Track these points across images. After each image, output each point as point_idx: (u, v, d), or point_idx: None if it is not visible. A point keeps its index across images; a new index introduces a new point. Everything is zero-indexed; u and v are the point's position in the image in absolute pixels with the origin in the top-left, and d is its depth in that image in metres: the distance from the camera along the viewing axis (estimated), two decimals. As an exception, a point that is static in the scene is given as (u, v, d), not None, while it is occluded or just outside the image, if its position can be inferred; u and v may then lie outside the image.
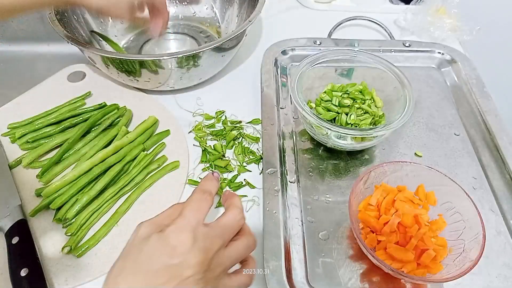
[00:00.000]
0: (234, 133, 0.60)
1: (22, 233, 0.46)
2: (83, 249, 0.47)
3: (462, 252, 0.42)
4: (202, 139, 0.60)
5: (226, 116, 0.63)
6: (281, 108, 0.63)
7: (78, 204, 0.49)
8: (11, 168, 0.55)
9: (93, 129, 0.59)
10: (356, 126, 0.56)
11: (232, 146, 0.59)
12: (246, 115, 0.63)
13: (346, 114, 0.57)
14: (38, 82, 0.67)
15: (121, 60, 0.58)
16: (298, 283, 0.44)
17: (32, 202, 0.51)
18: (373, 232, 0.46)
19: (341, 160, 0.58)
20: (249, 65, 0.73)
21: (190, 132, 0.61)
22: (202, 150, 0.59)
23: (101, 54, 0.58)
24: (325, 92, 0.60)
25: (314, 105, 0.60)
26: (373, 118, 0.57)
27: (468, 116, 0.63)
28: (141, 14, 0.48)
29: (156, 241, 0.30)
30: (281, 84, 0.67)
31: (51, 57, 0.79)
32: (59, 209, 0.50)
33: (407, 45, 0.72)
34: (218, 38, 0.77)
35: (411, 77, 0.59)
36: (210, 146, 0.59)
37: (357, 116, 0.57)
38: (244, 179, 0.55)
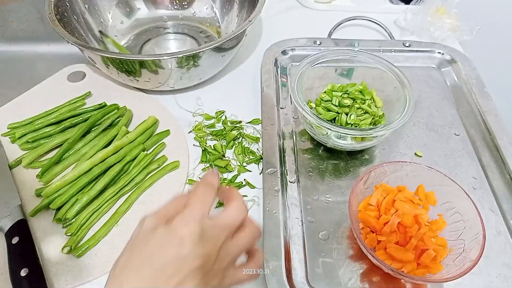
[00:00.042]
0: (234, 133, 0.60)
1: (22, 233, 0.46)
2: (83, 249, 0.47)
3: (462, 252, 0.42)
4: (202, 139, 0.60)
5: (226, 116, 0.63)
6: (281, 108, 0.63)
7: (78, 204, 0.49)
8: (11, 168, 0.55)
9: (93, 129, 0.59)
10: (356, 126, 0.56)
11: (232, 146, 0.59)
12: (246, 115, 0.63)
13: (346, 114, 0.57)
14: (38, 82, 0.67)
15: (121, 60, 0.58)
16: (298, 283, 0.44)
17: (32, 202, 0.51)
18: (373, 232, 0.46)
19: (341, 160, 0.58)
20: (249, 65, 0.73)
21: (190, 132, 0.61)
22: (202, 150, 0.59)
23: (101, 54, 0.58)
24: (325, 92, 0.60)
25: (314, 105, 0.60)
26: (373, 118, 0.57)
27: (468, 116, 0.63)
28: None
29: (163, 233, 0.30)
30: (281, 84, 0.67)
31: (51, 57, 0.79)
32: (59, 209, 0.50)
33: (407, 45, 0.72)
34: (218, 38, 0.77)
35: (411, 77, 0.59)
36: (210, 146, 0.59)
37: (357, 116, 0.57)
38: (244, 179, 0.55)
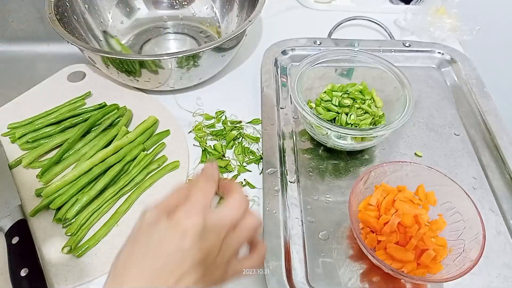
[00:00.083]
0: (234, 133, 0.60)
1: (22, 233, 0.46)
2: (83, 249, 0.47)
3: (462, 252, 0.42)
4: (202, 139, 0.60)
5: (226, 116, 0.63)
6: (281, 108, 0.63)
7: (78, 204, 0.49)
8: (11, 168, 0.55)
9: (93, 129, 0.59)
10: (356, 126, 0.56)
11: (232, 146, 0.59)
12: (246, 115, 0.63)
13: (346, 114, 0.57)
14: (38, 82, 0.67)
15: (121, 60, 0.58)
16: (298, 283, 0.44)
17: (32, 202, 0.51)
18: (373, 232, 0.46)
19: (341, 160, 0.58)
20: (249, 65, 0.73)
21: (190, 132, 0.61)
22: (202, 150, 0.59)
23: (101, 54, 0.58)
24: (325, 92, 0.60)
25: (314, 105, 0.60)
26: (373, 118, 0.57)
27: (468, 116, 0.63)
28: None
29: (165, 226, 0.30)
30: (281, 84, 0.67)
31: (51, 57, 0.79)
32: (59, 209, 0.50)
33: (407, 45, 0.72)
34: (218, 38, 0.77)
35: (411, 77, 0.59)
36: (210, 146, 0.59)
37: (357, 116, 0.57)
38: (244, 179, 0.55)
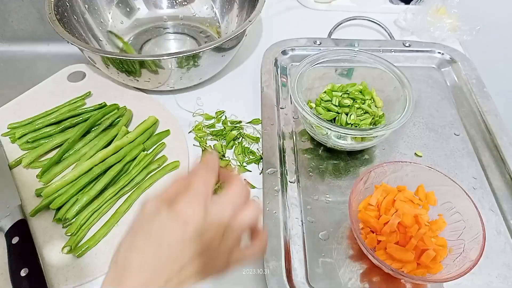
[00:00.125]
0: (234, 133, 0.60)
1: (22, 233, 0.46)
2: (83, 249, 0.47)
3: (462, 252, 0.42)
4: (202, 139, 0.60)
5: (226, 116, 0.63)
6: (281, 108, 0.63)
7: (78, 204, 0.49)
8: (11, 168, 0.55)
9: (93, 129, 0.59)
10: (356, 126, 0.56)
11: (232, 146, 0.59)
12: (246, 115, 0.63)
13: (346, 114, 0.57)
14: (38, 82, 0.67)
15: (121, 60, 0.58)
16: (298, 283, 0.44)
17: (32, 202, 0.51)
18: (373, 232, 0.46)
19: (341, 160, 0.58)
20: (249, 65, 0.73)
21: (190, 132, 0.61)
22: (202, 150, 0.59)
23: (101, 54, 0.58)
24: (325, 92, 0.60)
25: (314, 105, 0.60)
26: (373, 118, 0.57)
27: (468, 116, 0.63)
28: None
29: (166, 216, 0.29)
30: (281, 84, 0.67)
31: (51, 57, 0.79)
32: (59, 209, 0.50)
33: (407, 45, 0.72)
34: (218, 38, 0.77)
35: (411, 77, 0.59)
36: (210, 146, 0.59)
37: (357, 116, 0.57)
38: (244, 179, 0.55)
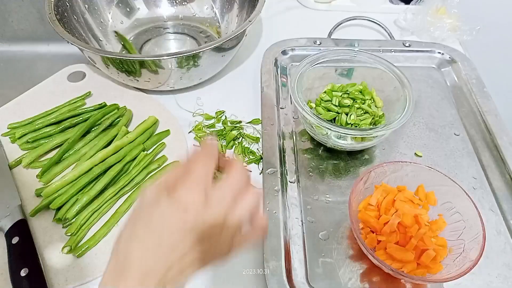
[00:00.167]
0: (234, 133, 0.60)
1: (22, 233, 0.46)
2: (83, 249, 0.47)
3: (462, 252, 0.42)
4: (202, 139, 0.60)
5: (226, 116, 0.63)
6: (281, 108, 0.63)
7: (78, 204, 0.49)
8: (11, 168, 0.55)
9: (93, 129, 0.59)
10: (356, 126, 0.56)
11: (232, 146, 0.59)
12: (246, 115, 0.63)
13: (346, 114, 0.57)
14: (38, 82, 0.67)
15: (121, 60, 0.58)
16: (298, 283, 0.44)
17: (32, 202, 0.51)
18: (373, 232, 0.46)
19: (341, 160, 0.58)
20: (249, 65, 0.73)
21: (190, 132, 0.61)
22: (201, 139, 0.59)
23: (101, 54, 0.58)
24: (325, 92, 0.60)
25: (314, 105, 0.60)
26: (373, 118, 0.57)
27: (468, 116, 0.63)
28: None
29: (166, 203, 0.29)
30: (281, 84, 0.67)
31: (51, 57, 0.79)
32: (59, 209, 0.50)
33: (407, 45, 0.72)
34: (218, 38, 0.77)
35: (411, 77, 0.59)
36: (211, 132, 0.59)
37: (357, 116, 0.57)
38: (244, 164, 0.55)
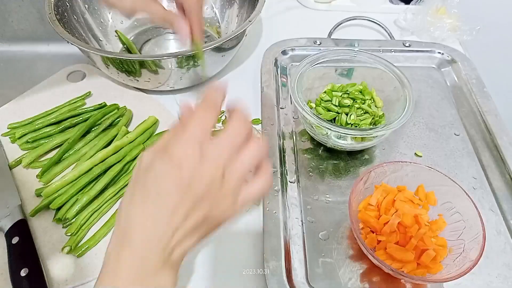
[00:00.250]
0: (234, 133, 0.60)
1: (22, 233, 0.46)
2: (83, 249, 0.47)
3: (462, 252, 0.42)
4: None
5: (226, 116, 0.63)
6: (281, 108, 0.63)
7: (78, 204, 0.49)
8: (11, 168, 0.55)
9: (93, 129, 0.59)
10: (356, 126, 0.56)
11: (232, 146, 0.59)
12: (246, 115, 0.63)
13: (346, 114, 0.57)
14: (38, 82, 0.67)
15: (121, 60, 0.58)
16: (298, 283, 0.44)
17: (32, 202, 0.51)
18: (373, 232, 0.46)
19: (341, 160, 0.58)
20: (249, 65, 0.73)
21: (190, 132, 0.61)
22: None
23: (101, 54, 0.58)
24: (325, 92, 0.60)
25: (314, 105, 0.60)
26: (373, 118, 0.57)
27: (468, 116, 0.63)
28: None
29: (160, 163, 0.28)
30: (281, 84, 0.67)
31: (51, 57, 0.79)
32: (59, 209, 0.50)
33: (407, 45, 0.72)
34: (218, 38, 0.77)
35: (411, 77, 0.59)
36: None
37: (357, 116, 0.57)
38: (246, 114, 0.54)
